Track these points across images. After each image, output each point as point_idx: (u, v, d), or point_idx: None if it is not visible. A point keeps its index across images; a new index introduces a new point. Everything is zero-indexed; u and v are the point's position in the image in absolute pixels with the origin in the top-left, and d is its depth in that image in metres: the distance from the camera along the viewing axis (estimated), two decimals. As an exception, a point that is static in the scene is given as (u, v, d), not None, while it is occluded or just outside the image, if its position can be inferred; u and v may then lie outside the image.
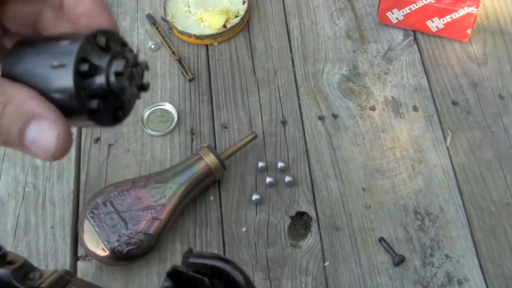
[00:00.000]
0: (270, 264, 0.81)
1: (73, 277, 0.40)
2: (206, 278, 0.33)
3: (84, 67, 0.30)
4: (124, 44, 0.34)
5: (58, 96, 0.29)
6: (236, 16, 1.03)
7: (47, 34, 0.35)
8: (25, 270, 0.39)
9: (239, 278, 0.34)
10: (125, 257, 0.78)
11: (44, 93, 0.30)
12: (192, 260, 0.34)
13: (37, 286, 0.37)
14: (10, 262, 0.39)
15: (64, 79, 0.29)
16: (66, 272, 0.40)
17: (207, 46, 1.02)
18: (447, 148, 0.89)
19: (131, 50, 0.33)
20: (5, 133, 0.30)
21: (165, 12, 1.04)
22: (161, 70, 0.99)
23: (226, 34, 1.01)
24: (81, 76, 0.30)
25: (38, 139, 0.30)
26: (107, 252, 0.78)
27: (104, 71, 0.31)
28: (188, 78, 0.97)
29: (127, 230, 0.78)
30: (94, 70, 0.30)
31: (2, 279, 0.37)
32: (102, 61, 0.31)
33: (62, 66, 0.29)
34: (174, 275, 0.33)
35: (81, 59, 0.30)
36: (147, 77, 0.32)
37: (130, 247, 0.78)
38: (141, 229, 0.79)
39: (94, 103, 0.30)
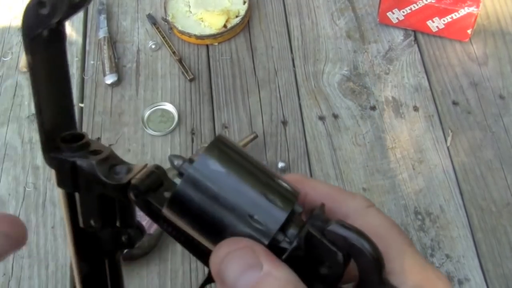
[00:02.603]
0: (270, 264, 0.81)
1: (166, 177, 0.34)
2: (340, 254, 0.29)
3: (278, 240, 0.29)
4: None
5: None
6: (237, 16, 1.03)
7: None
8: (111, 162, 0.33)
9: (368, 249, 0.29)
10: (125, 257, 0.78)
11: (218, 224, 0.29)
12: (332, 228, 0.29)
13: (126, 182, 0.32)
14: (94, 152, 0.32)
15: (255, 238, 0.29)
16: (157, 167, 0.34)
17: (207, 46, 1.02)
18: (448, 148, 0.89)
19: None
20: None
21: (165, 12, 1.04)
22: (161, 70, 0.99)
23: (227, 34, 1.01)
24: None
25: None
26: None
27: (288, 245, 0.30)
28: (188, 78, 0.97)
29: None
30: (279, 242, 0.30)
31: (86, 170, 0.32)
32: (291, 238, 0.30)
33: (260, 228, 0.29)
34: (306, 238, 0.29)
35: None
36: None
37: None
38: (142, 229, 0.78)
39: None
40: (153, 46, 1.02)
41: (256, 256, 0.28)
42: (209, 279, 0.31)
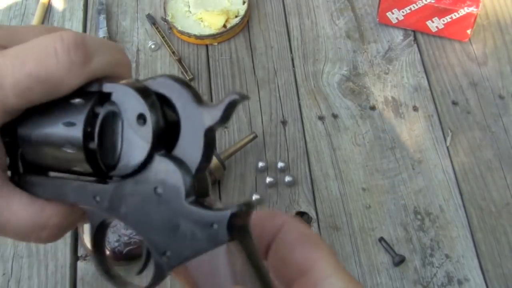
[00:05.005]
0: (270, 264, 0.81)
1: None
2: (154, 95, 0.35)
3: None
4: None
5: (67, 149, 0.34)
6: (236, 16, 1.03)
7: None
8: None
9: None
10: (125, 257, 0.78)
11: (55, 144, 0.34)
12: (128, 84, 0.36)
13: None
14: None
15: (74, 133, 0.34)
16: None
17: (207, 46, 1.02)
18: (447, 148, 0.89)
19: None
20: None
21: (165, 12, 1.04)
22: (161, 70, 0.99)
23: (226, 34, 1.01)
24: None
25: None
26: (107, 252, 0.78)
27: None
28: (188, 78, 0.97)
29: (127, 230, 0.78)
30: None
31: None
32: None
33: (72, 124, 0.34)
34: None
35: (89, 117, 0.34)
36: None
37: (130, 247, 0.78)
38: (141, 229, 0.78)
39: (93, 144, 0.34)
40: (152, 46, 1.02)
41: None
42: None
